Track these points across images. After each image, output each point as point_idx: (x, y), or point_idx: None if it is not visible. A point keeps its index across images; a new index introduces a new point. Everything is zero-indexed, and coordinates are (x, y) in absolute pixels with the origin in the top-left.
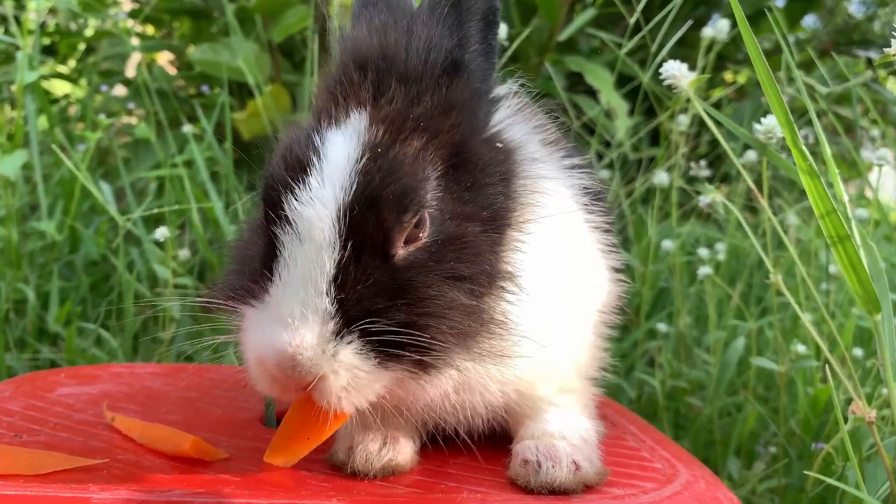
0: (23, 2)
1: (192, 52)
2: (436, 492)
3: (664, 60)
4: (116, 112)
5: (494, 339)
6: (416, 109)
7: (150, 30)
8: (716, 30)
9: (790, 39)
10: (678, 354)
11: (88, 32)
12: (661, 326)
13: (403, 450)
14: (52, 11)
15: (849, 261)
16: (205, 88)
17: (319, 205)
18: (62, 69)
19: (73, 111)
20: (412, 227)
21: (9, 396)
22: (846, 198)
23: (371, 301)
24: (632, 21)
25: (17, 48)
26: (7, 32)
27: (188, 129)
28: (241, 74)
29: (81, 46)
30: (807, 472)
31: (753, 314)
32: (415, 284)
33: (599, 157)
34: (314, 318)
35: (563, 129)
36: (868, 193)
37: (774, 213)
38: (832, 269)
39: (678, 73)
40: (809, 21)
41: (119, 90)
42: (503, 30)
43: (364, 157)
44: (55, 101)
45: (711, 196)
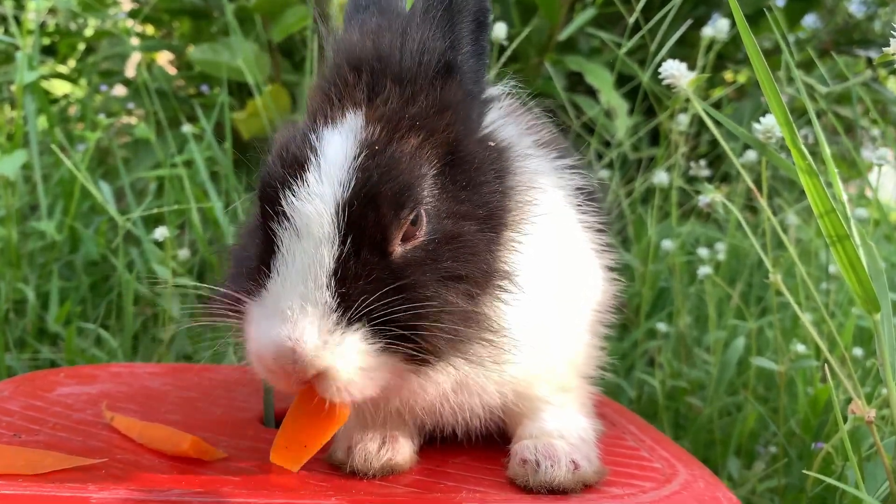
0: (22, 2)
1: (192, 52)
2: (435, 491)
3: (664, 60)
4: (116, 112)
5: (490, 344)
6: (411, 109)
7: (150, 30)
8: (715, 29)
9: (790, 39)
10: (678, 354)
11: (88, 32)
12: (661, 326)
13: (402, 449)
14: (52, 11)
15: (848, 260)
16: (204, 88)
17: (318, 201)
18: (62, 69)
19: (73, 111)
20: (409, 225)
21: (8, 396)
22: (845, 197)
23: (373, 294)
24: (631, 21)
25: (17, 48)
26: (7, 32)
27: (188, 129)
28: (241, 74)
29: (81, 46)
30: (806, 472)
31: (753, 314)
32: (412, 283)
33: (599, 157)
34: (314, 311)
35: (562, 129)
36: (868, 193)
37: (774, 213)
38: (832, 269)
39: (677, 73)
40: (810, 20)
41: (119, 90)
42: (502, 29)
43: (361, 155)
44: (55, 101)
45: (711, 196)
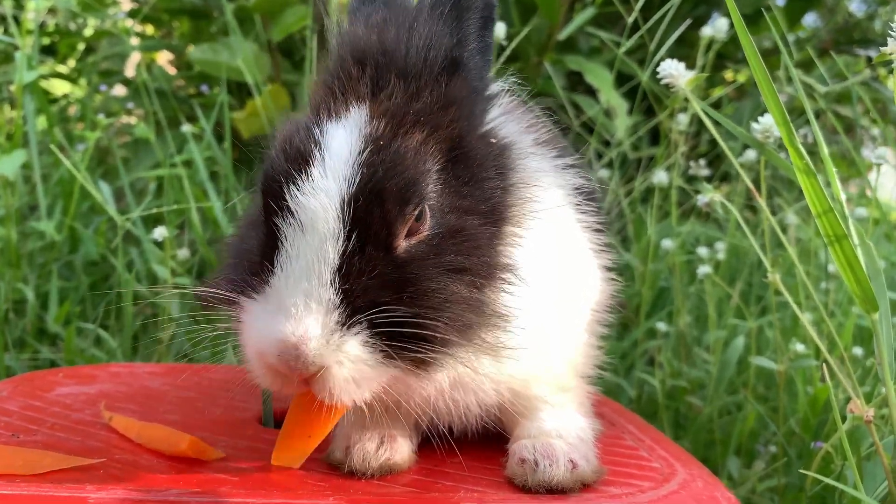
0: (22, 1)
1: (192, 52)
2: (433, 491)
3: (663, 59)
4: (116, 112)
5: (495, 332)
6: (416, 104)
7: (150, 29)
8: (715, 29)
9: (790, 38)
10: (678, 354)
11: (88, 32)
12: (661, 326)
13: (401, 449)
14: (52, 11)
15: (846, 260)
16: (204, 88)
17: (323, 195)
18: (61, 69)
19: (73, 111)
20: (413, 220)
21: (7, 396)
22: (843, 197)
23: (376, 293)
24: (630, 20)
25: (16, 48)
26: (6, 32)
27: (187, 129)
28: (241, 74)
29: (81, 46)
30: (806, 472)
31: (753, 313)
32: (417, 277)
33: (599, 156)
34: (318, 309)
35: (562, 129)
36: (869, 193)
37: (774, 212)
38: (831, 269)
39: (675, 73)
40: (810, 19)
41: (118, 90)
42: (502, 29)
43: (366, 150)
44: (54, 101)
45: (710, 195)
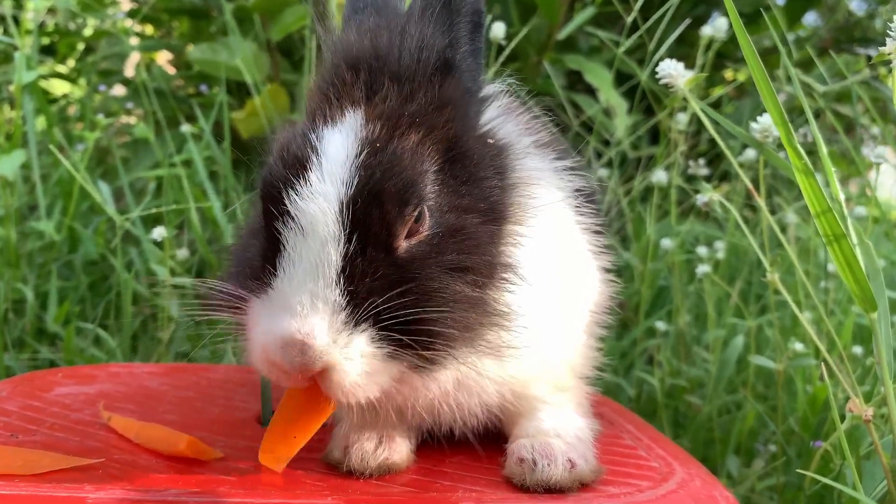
0: (21, 1)
1: (191, 52)
2: (431, 491)
3: (662, 59)
4: (115, 112)
5: (497, 331)
6: (410, 106)
7: (149, 29)
8: (714, 28)
9: (791, 37)
10: (677, 353)
11: (87, 32)
12: (661, 325)
13: (399, 449)
14: (51, 11)
15: (845, 259)
16: (203, 88)
17: (322, 199)
18: (61, 69)
19: (72, 111)
20: (413, 221)
21: (6, 396)
22: (842, 196)
23: (381, 293)
24: (629, 20)
25: (16, 48)
26: (6, 32)
27: (187, 129)
28: (240, 74)
29: (80, 46)
30: (804, 472)
31: (752, 312)
32: (419, 277)
33: (598, 156)
34: (324, 308)
35: (562, 128)
36: (869, 192)
37: (774, 212)
38: (831, 268)
39: (674, 73)
40: (810, 18)
41: (118, 90)
42: (501, 28)
43: (363, 153)
44: (54, 101)
45: (709, 195)
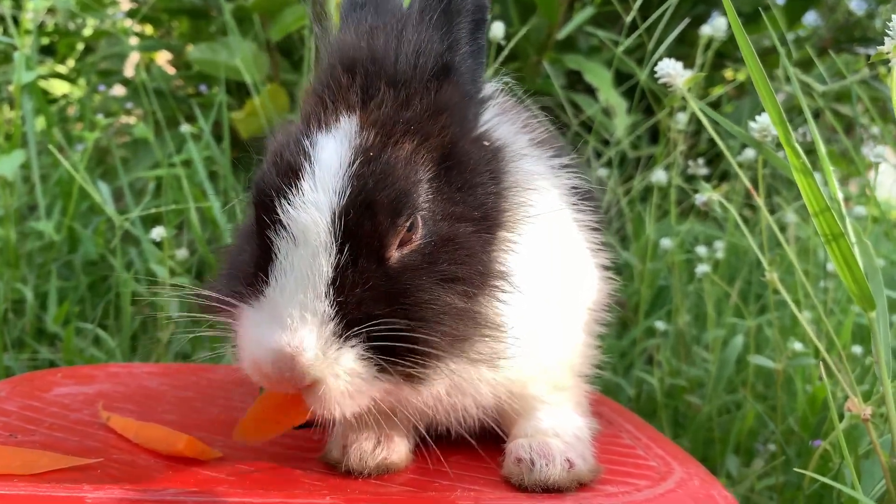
0: (21, 1)
1: (191, 52)
2: (430, 490)
3: (661, 58)
4: (115, 112)
5: (488, 342)
6: (406, 113)
7: (149, 29)
8: (714, 28)
9: (790, 37)
10: (677, 352)
11: (87, 32)
12: (660, 324)
13: (398, 448)
14: (51, 11)
15: (843, 258)
16: (203, 88)
17: (314, 209)
18: (60, 69)
19: (72, 111)
20: (405, 231)
21: (5, 396)
22: (840, 195)
23: (370, 305)
24: (629, 19)
25: (15, 48)
26: (5, 32)
27: (186, 129)
28: (240, 74)
29: (80, 46)
30: (802, 471)
31: (752, 312)
32: (410, 288)
33: (598, 155)
34: (313, 320)
35: (561, 128)
36: (869, 191)
37: (773, 211)
38: (830, 267)
39: (673, 72)
40: (810, 18)
41: (117, 90)
42: (501, 28)
43: (356, 162)
44: (53, 101)
45: (708, 194)
